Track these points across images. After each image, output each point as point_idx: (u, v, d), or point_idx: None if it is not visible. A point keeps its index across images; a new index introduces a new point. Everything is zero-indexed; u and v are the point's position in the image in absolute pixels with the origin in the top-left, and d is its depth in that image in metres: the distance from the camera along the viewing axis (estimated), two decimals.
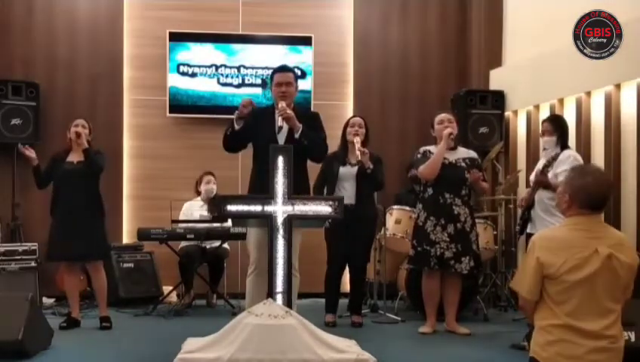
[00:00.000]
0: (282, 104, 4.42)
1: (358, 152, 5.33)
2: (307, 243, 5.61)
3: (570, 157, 4.94)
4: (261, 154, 4.41)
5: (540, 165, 5.17)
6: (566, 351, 2.76)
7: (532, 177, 5.20)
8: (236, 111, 4.46)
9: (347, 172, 5.54)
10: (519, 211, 5.34)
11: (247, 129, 4.49)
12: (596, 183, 2.85)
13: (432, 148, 5.36)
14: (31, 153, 5.35)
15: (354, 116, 5.91)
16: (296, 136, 4.39)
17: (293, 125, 4.41)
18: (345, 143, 5.66)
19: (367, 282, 6.33)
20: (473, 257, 5.24)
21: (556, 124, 5.13)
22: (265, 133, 4.44)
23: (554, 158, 4.99)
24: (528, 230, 5.03)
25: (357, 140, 5.45)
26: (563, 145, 5.06)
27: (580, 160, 5.01)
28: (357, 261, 5.66)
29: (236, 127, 4.46)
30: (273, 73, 4.68)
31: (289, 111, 4.38)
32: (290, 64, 7.24)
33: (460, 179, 5.23)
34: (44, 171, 5.41)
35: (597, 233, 2.84)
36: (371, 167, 5.44)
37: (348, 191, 5.45)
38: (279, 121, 4.40)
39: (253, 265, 4.46)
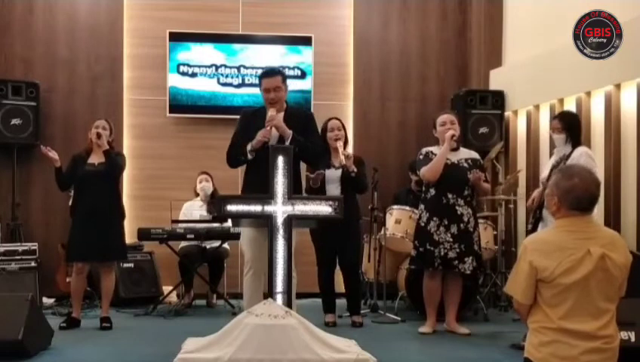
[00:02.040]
0: (271, 112, 4.41)
1: (342, 157, 5.34)
2: (307, 244, 5.63)
3: (582, 155, 4.78)
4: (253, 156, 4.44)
5: (551, 162, 5.11)
6: (560, 351, 2.75)
7: (543, 175, 5.16)
8: (251, 143, 4.41)
9: (331, 175, 5.55)
10: (522, 208, 5.30)
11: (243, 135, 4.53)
12: (583, 184, 2.83)
13: (433, 148, 5.35)
14: (54, 155, 5.36)
15: (330, 119, 5.85)
16: (287, 143, 4.36)
17: (282, 133, 4.39)
18: (326, 147, 5.65)
19: (367, 282, 6.34)
20: (475, 257, 5.24)
21: (565, 121, 4.97)
22: (255, 135, 4.44)
23: (567, 157, 4.92)
24: (539, 228, 4.98)
25: (340, 145, 5.47)
26: (575, 142, 4.91)
27: (593, 157, 4.89)
28: (347, 262, 5.67)
29: (249, 157, 4.44)
30: (260, 78, 4.63)
31: (276, 122, 4.37)
32: (290, 64, 7.31)
33: (462, 179, 5.22)
34: (65, 172, 5.42)
35: (588, 234, 2.83)
36: (355, 170, 5.44)
37: (331, 194, 5.44)
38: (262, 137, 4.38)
39: (248, 265, 4.47)
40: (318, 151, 4.65)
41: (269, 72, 4.64)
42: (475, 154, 5.42)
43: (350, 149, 6.09)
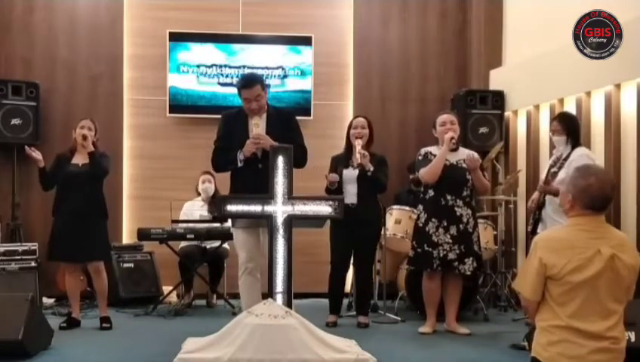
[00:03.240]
0: (255, 130, 4.39)
1: (358, 155, 5.34)
2: (308, 243, 5.64)
3: (582, 156, 4.82)
4: None
5: (549, 164, 5.11)
6: (568, 351, 2.76)
7: (542, 177, 5.16)
8: (241, 152, 4.41)
9: (349, 174, 5.54)
10: (522, 208, 5.31)
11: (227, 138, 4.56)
12: (599, 184, 2.84)
13: (432, 149, 5.35)
14: (37, 155, 5.34)
15: (357, 116, 5.86)
16: None
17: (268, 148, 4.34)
18: (349, 145, 5.65)
19: None
20: (475, 258, 5.24)
21: (565, 123, 5.02)
22: (239, 139, 4.44)
23: (565, 158, 4.93)
24: (539, 230, 4.99)
25: (358, 142, 5.45)
26: (574, 143, 4.97)
27: (593, 157, 4.91)
28: (362, 262, 5.66)
29: (239, 165, 4.44)
30: (239, 88, 4.56)
31: (263, 142, 4.33)
32: (291, 64, 7.31)
33: (461, 180, 5.22)
34: (49, 171, 5.40)
35: (599, 233, 2.84)
36: (371, 169, 5.43)
37: (350, 193, 5.45)
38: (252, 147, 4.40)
39: (243, 266, 4.47)
40: (302, 156, 4.59)
41: (248, 83, 4.53)
42: (474, 155, 5.42)
43: None
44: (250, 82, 4.54)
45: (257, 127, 4.44)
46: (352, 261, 5.71)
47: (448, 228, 5.18)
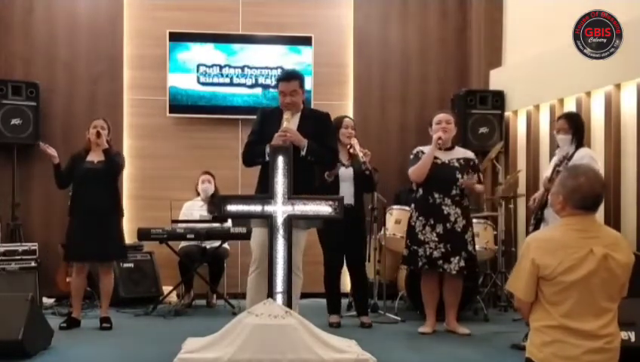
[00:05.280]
0: (285, 124, 4.36)
1: (360, 154, 5.36)
2: (308, 243, 5.61)
3: (585, 157, 4.77)
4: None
5: (554, 162, 5.11)
6: (562, 351, 2.75)
7: (546, 174, 5.16)
8: (269, 145, 4.33)
9: (344, 173, 5.54)
10: (522, 208, 5.30)
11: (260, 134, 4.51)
12: (589, 184, 2.84)
13: (425, 148, 5.35)
14: (52, 151, 5.38)
15: (345, 117, 5.86)
16: (302, 153, 4.35)
17: (297, 144, 4.35)
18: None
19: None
20: (467, 258, 5.22)
21: (572, 121, 4.98)
22: (270, 133, 4.40)
23: (569, 158, 4.92)
24: (541, 229, 4.97)
25: (354, 141, 5.48)
26: (578, 143, 4.93)
27: (596, 158, 4.89)
28: (356, 261, 5.66)
29: (267, 158, 4.33)
30: (277, 81, 4.63)
31: (290, 135, 4.32)
32: (290, 64, 7.30)
33: (450, 179, 5.21)
34: (64, 170, 5.43)
35: (592, 233, 2.84)
36: (370, 168, 5.46)
37: (344, 192, 5.44)
38: (279, 140, 4.33)
39: (255, 263, 4.46)
40: (333, 157, 4.62)
41: (287, 76, 4.61)
42: (470, 154, 5.42)
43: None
44: (288, 76, 4.60)
45: (288, 121, 4.41)
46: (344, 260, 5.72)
47: (435, 226, 5.19)
